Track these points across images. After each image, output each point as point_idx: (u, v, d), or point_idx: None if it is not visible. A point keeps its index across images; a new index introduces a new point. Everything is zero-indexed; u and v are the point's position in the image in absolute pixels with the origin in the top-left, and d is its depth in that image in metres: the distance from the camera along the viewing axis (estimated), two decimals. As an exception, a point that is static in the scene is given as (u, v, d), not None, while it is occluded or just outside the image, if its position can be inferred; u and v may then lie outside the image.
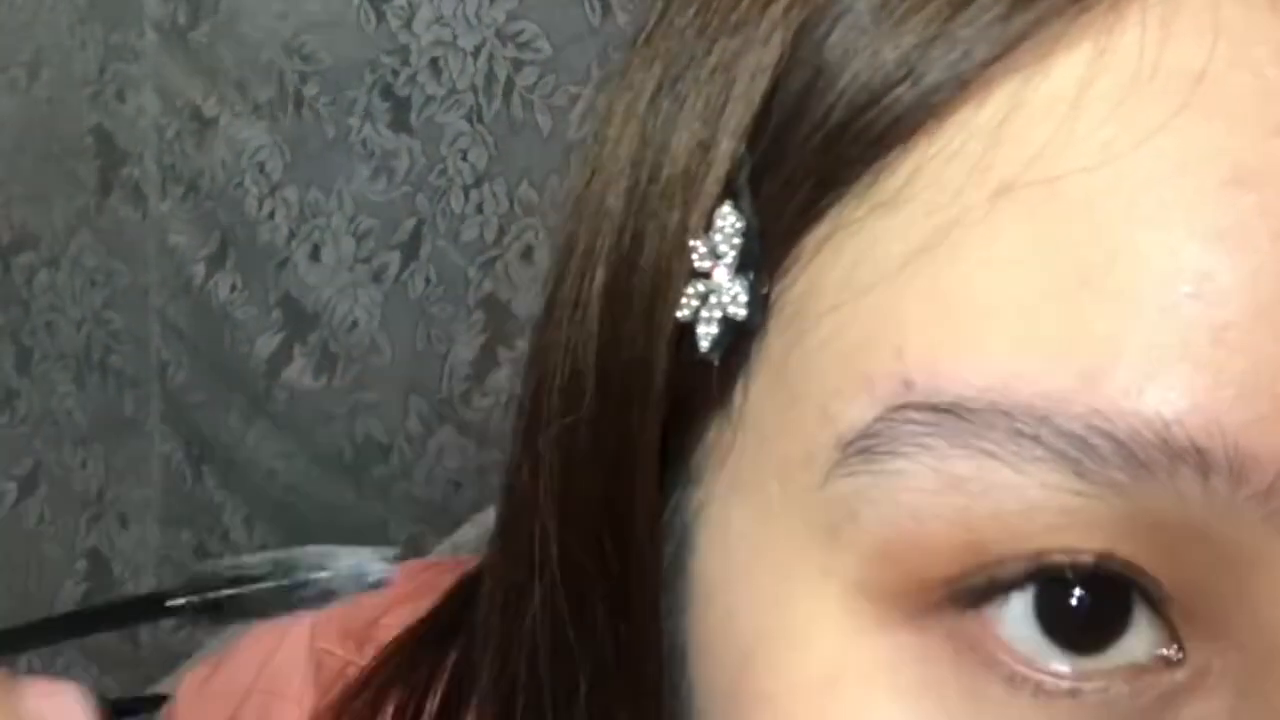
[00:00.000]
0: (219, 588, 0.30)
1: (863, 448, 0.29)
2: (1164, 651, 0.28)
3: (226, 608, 0.30)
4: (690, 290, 0.32)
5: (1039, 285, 0.28)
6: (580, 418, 0.34)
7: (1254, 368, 0.27)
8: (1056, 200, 0.28)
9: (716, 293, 0.31)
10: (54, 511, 1.48)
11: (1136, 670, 0.28)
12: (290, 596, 0.30)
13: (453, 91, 1.20)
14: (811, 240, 0.31)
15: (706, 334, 0.31)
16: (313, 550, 0.30)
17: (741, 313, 0.31)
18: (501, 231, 1.19)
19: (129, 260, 1.39)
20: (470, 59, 1.20)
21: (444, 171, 1.22)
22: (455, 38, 1.20)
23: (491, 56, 1.19)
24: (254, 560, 0.30)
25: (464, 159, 1.21)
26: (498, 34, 1.18)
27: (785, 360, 0.31)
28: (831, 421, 0.30)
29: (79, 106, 1.38)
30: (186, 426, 1.40)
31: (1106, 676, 0.28)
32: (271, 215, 1.29)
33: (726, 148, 0.32)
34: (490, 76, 1.19)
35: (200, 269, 1.34)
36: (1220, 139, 0.27)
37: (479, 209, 1.22)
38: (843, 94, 0.30)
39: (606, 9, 1.13)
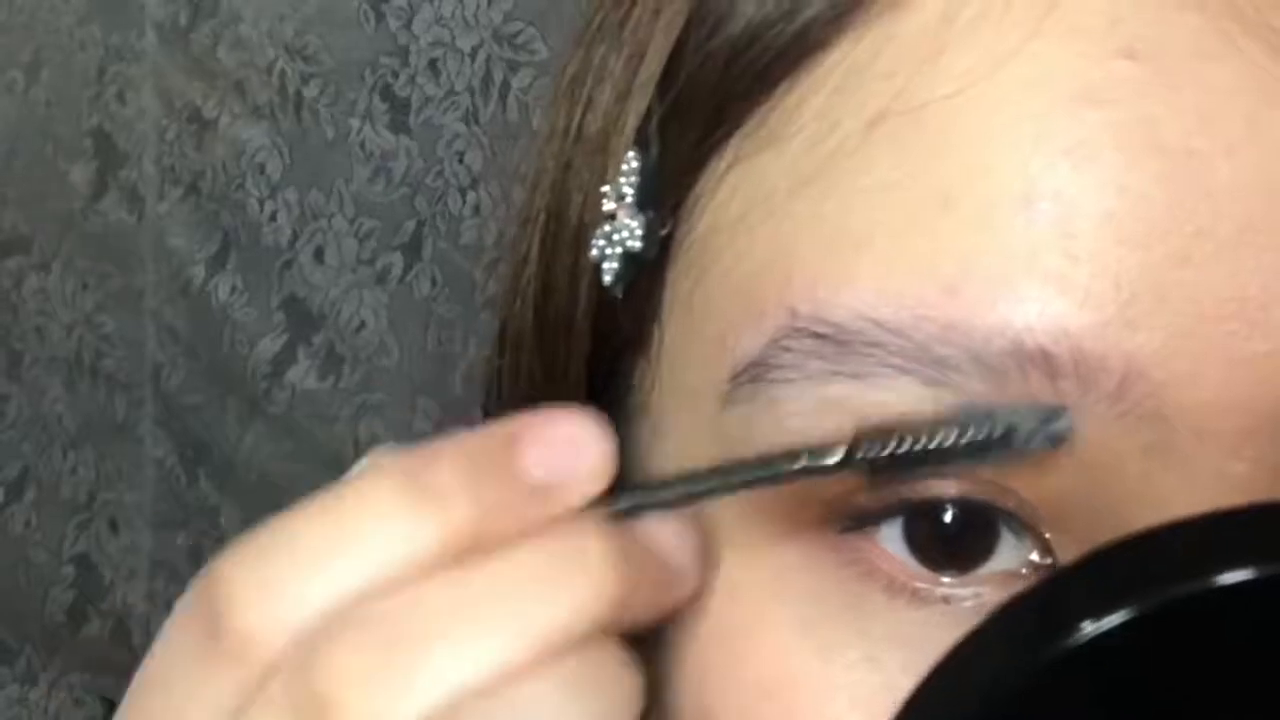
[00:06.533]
0: (887, 442, 0.29)
1: (752, 376, 0.31)
2: (1034, 559, 0.30)
3: (903, 461, 0.29)
4: (599, 232, 0.35)
5: (907, 210, 0.30)
6: (519, 370, 0.38)
7: (1098, 275, 0.29)
8: (922, 128, 0.31)
9: (618, 230, 0.34)
10: (41, 517, 1.52)
11: (1008, 577, 0.30)
12: (974, 450, 0.29)
13: (450, 93, 1.26)
14: (710, 178, 0.33)
15: (609, 269, 0.35)
16: (976, 406, 0.29)
17: (638, 245, 0.34)
18: (501, 234, 1.25)
19: (122, 263, 1.44)
20: (468, 60, 1.25)
21: (440, 173, 1.28)
22: (454, 38, 1.25)
23: (489, 58, 1.25)
24: (920, 419, 0.30)
25: (460, 161, 1.27)
26: (494, 35, 1.24)
27: (691, 297, 0.34)
28: (728, 352, 0.32)
29: (78, 108, 1.44)
30: (181, 429, 1.44)
31: (979, 583, 0.31)
32: (274, 217, 1.35)
33: (639, 99, 0.35)
34: (487, 78, 1.24)
35: (200, 271, 1.39)
36: (1069, 60, 0.30)
37: (475, 210, 1.27)
38: (730, 34, 0.33)
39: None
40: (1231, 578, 0.25)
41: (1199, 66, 0.30)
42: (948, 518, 0.31)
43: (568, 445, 0.29)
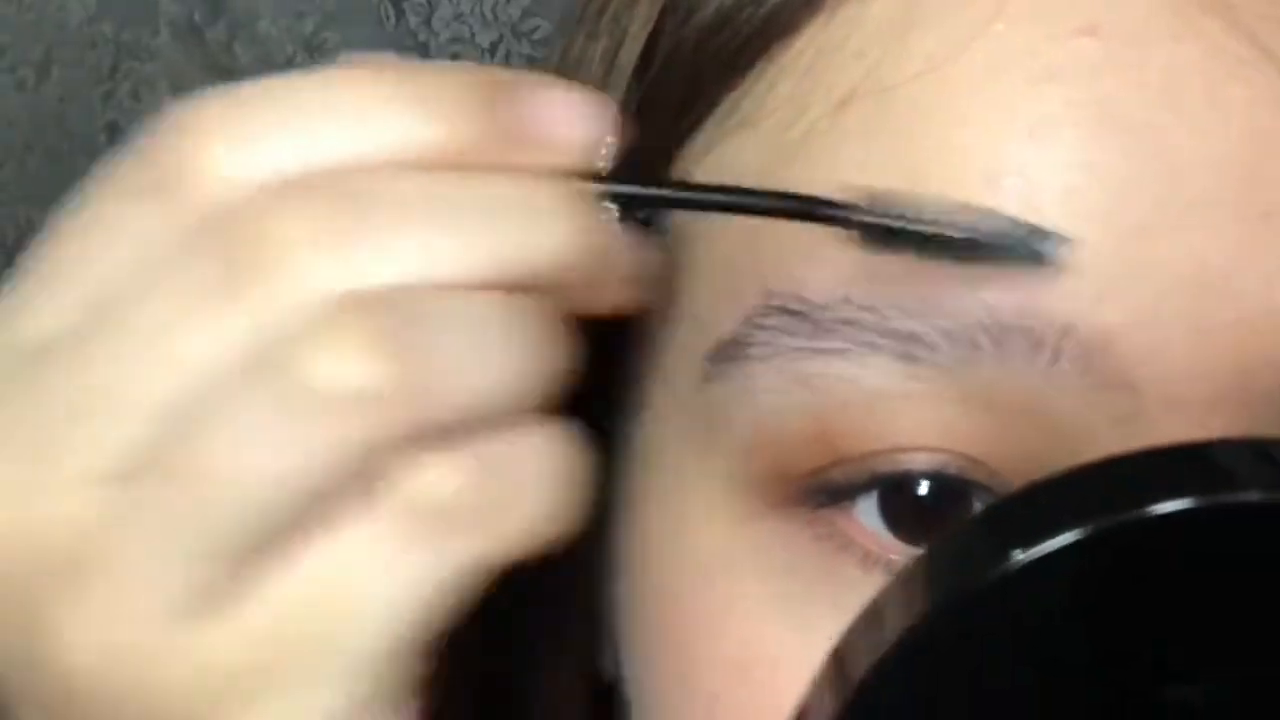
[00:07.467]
0: (889, 213, 0.30)
1: (728, 355, 0.32)
2: None
3: (901, 238, 0.30)
4: None
5: (878, 188, 0.31)
6: None
7: (1065, 250, 0.30)
8: (890, 108, 0.31)
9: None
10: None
11: None
12: (961, 247, 0.30)
13: (469, 88, 1.28)
14: (684, 163, 0.34)
15: None
16: (985, 209, 0.30)
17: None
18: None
19: (144, 257, 1.46)
20: (487, 56, 1.27)
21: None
22: (473, 34, 1.27)
23: (508, 54, 1.26)
24: (931, 200, 0.30)
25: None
26: (513, 30, 1.26)
27: (667, 280, 0.34)
28: (704, 332, 0.33)
29: (91, 105, 1.45)
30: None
31: None
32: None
33: (615, 86, 0.35)
34: (506, 73, 1.26)
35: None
36: (1031, 41, 0.31)
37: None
38: (702, 19, 0.33)
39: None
40: (1163, 508, 0.26)
41: (1159, 43, 0.31)
42: (922, 490, 0.31)
43: (574, 110, 0.28)
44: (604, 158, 0.29)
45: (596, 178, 0.29)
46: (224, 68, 1.38)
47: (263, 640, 0.26)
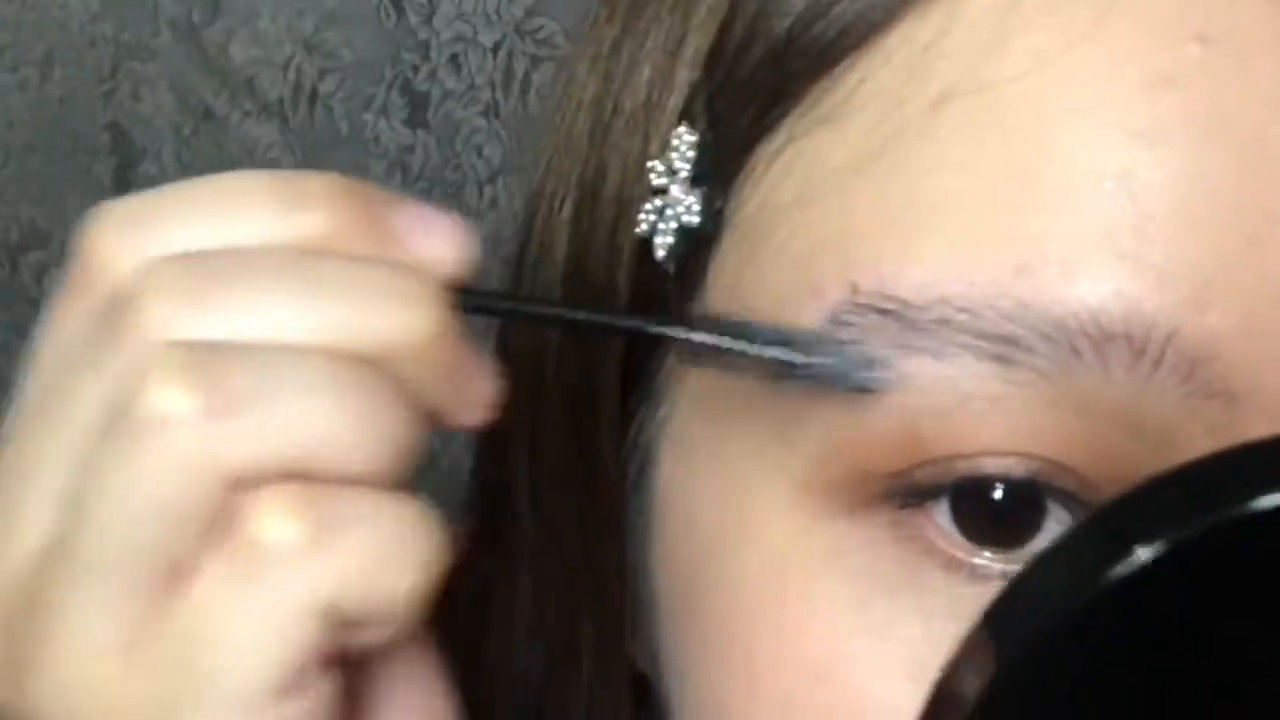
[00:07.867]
0: (724, 335, 0.31)
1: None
2: None
3: (724, 357, 0.31)
4: (648, 206, 0.35)
5: (976, 188, 0.31)
6: (547, 347, 0.38)
7: (1172, 257, 0.30)
8: (991, 107, 0.31)
9: (672, 205, 0.34)
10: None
11: None
12: (790, 371, 0.31)
13: (471, 87, 1.27)
14: (763, 156, 0.34)
15: (663, 243, 0.35)
16: (817, 335, 0.31)
17: (695, 220, 0.34)
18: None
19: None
20: (490, 55, 1.26)
21: (459, 167, 1.29)
22: (475, 33, 1.26)
23: (511, 53, 1.25)
24: (760, 323, 0.31)
25: (479, 155, 1.28)
26: (516, 30, 1.25)
27: (740, 274, 0.34)
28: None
29: (93, 105, 1.45)
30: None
31: None
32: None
33: (684, 75, 0.35)
34: (509, 73, 1.25)
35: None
36: (1142, 44, 0.31)
37: (493, 204, 1.28)
38: (791, 10, 0.33)
39: (624, 5, 1.20)
40: (1272, 501, 0.26)
41: (1270, 52, 0.30)
42: (998, 494, 0.31)
43: (439, 227, 0.31)
44: (458, 270, 0.31)
45: (450, 288, 0.31)
46: (222, 68, 1.38)
47: (163, 673, 0.29)
